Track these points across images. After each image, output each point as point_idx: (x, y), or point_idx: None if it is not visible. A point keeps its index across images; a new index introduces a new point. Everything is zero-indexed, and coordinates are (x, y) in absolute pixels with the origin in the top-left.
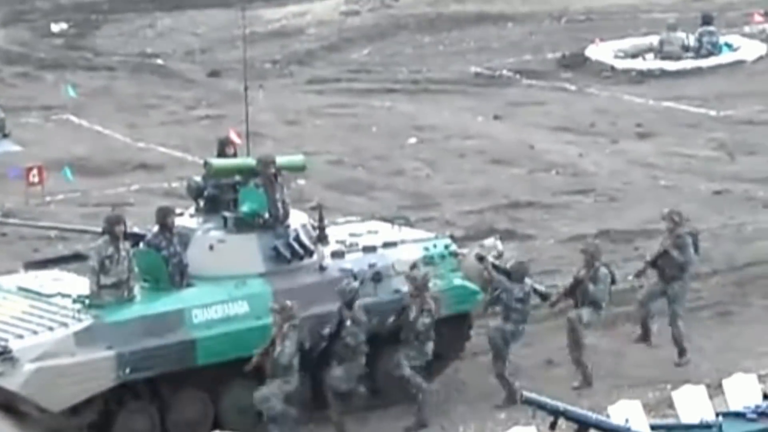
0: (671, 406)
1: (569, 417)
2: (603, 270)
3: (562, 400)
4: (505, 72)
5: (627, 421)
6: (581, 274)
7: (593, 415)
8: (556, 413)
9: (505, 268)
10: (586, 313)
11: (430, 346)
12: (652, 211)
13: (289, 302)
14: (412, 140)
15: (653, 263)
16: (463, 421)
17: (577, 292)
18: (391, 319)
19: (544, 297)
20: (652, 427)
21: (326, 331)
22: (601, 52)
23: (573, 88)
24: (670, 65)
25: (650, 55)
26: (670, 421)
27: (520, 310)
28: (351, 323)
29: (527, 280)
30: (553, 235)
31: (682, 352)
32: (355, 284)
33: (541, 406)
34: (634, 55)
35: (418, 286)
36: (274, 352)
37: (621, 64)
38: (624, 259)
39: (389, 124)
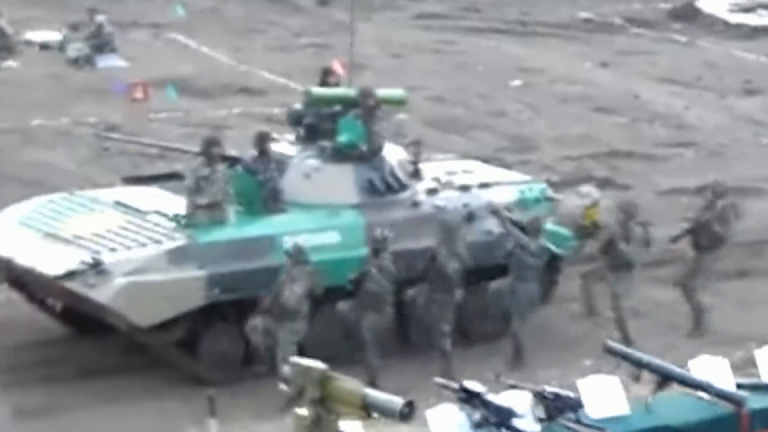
0: (755, 365)
1: (653, 369)
2: (637, 229)
3: (647, 353)
4: (615, 19)
5: (711, 377)
6: (614, 233)
7: (678, 369)
8: (639, 365)
9: (521, 222)
10: (616, 276)
11: (459, 294)
12: (754, 168)
13: (302, 244)
14: (517, 82)
15: (690, 231)
16: (546, 366)
17: (609, 251)
18: (421, 265)
19: (556, 256)
20: (738, 386)
21: (351, 276)
22: (713, 4)
23: (683, 39)
24: None
25: (764, 11)
26: (755, 380)
27: (534, 266)
28: (377, 271)
29: (541, 237)
30: (651, 186)
31: (698, 323)
32: (387, 233)
33: (625, 357)
34: (747, 10)
35: (449, 229)
36: (282, 295)
37: (734, 18)
38: None
39: (494, 64)
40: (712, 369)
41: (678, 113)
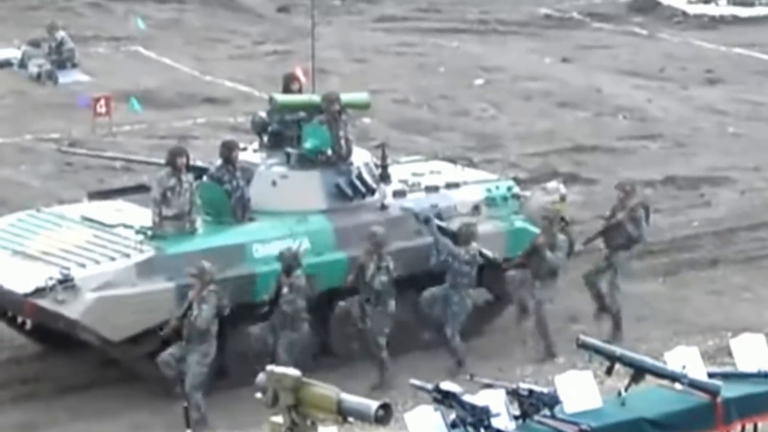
0: (730, 354)
1: (626, 362)
2: (561, 237)
3: (619, 346)
4: (575, 14)
5: (684, 367)
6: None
7: (650, 361)
8: (612, 358)
9: (452, 230)
10: (540, 283)
11: (392, 305)
12: (719, 158)
13: (207, 265)
14: (479, 81)
15: (603, 233)
16: (520, 364)
17: (534, 259)
18: (349, 278)
19: (490, 262)
20: (710, 375)
21: (265, 297)
22: None
23: (643, 32)
24: (743, 11)
25: (723, 1)
26: (728, 369)
27: (467, 273)
28: (288, 291)
29: (473, 243)
30: (617, 179)
31: (617, 324)
32: (295, 248)
33: (598, 351)
34: (706, 1)
35: (377, 242)
36: (191, 316)
37: (693, 9)
38: (689, 206)
39: (456, 64)
40: (687, 359)
41: (641, 106)
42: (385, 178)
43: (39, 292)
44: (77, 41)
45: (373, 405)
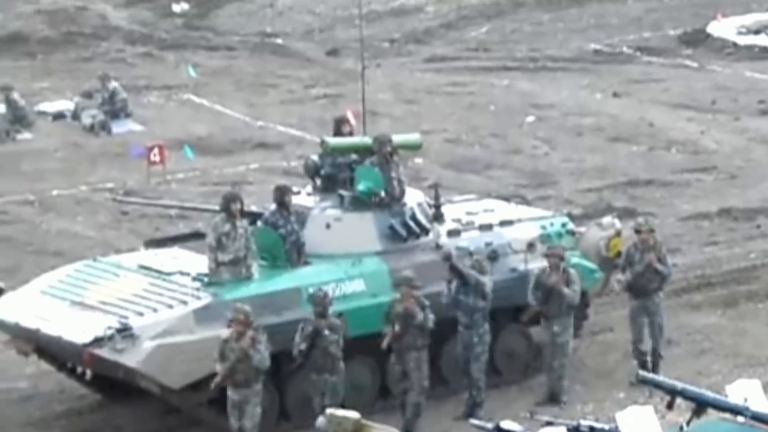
0: None
1: (687, 396)
2: (573, 272)
3: (680, 380)
4: (624, 49)
5: (746, 400)
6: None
7: (711, 395)
8: (673, 392)
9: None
10: (559, 322)
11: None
12: None
13: (246, 308)
14: (530, 118)
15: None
16: (581, 400)
17: (552, 298)
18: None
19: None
20: None
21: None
22: (723, 28)
23: (694, 65)
24: None
25: None
26: None
27: (483, 308)
28: (330, 332)
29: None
30: (673, 212)
31: (656, 360)
32: (328, 292)
33: (658, 386)
34: (756, 31)
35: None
36: (252, 361)
37: (743, 40)
38: (745, 238)
39: (507, 102)
40: (748, 392)
41: (694, 138)
42: (438, 217)
43: (98, 341)
44: (129, 91)
45: None
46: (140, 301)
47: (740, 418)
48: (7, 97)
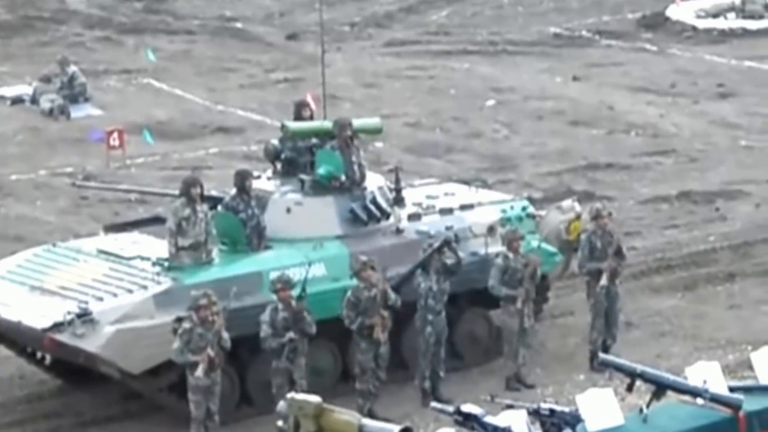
0: (751, 367)
1: (646, 379)
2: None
3: (640, 363)
4: (584, 32)
5: (705, 382)
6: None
7: (670, 377)
8: (633, 375)
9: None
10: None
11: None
12: (733, 172)
13: (209, 291)
14: (491, 102)
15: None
16: (541, 383)
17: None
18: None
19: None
20: (731, 389)
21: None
22: (681, 11)
23: (653, 48)
24: (752, 24)
25: (732, 15)
26: (749, 382)
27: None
28: (308, 313)
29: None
30: (632, 196)
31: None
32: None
33: (618, 368)
34: (715, 15)
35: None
36: (226, 344)
37: (702, 23)
38: (705, 221)
39: (467, 86)
40: (708, 374)
41: (654, 122)
42: (399, 201)
43: (58, 326)
44: (88, 75)
45: (395, 429)
46: (100, 286)
47: (699, 400)
48: None
